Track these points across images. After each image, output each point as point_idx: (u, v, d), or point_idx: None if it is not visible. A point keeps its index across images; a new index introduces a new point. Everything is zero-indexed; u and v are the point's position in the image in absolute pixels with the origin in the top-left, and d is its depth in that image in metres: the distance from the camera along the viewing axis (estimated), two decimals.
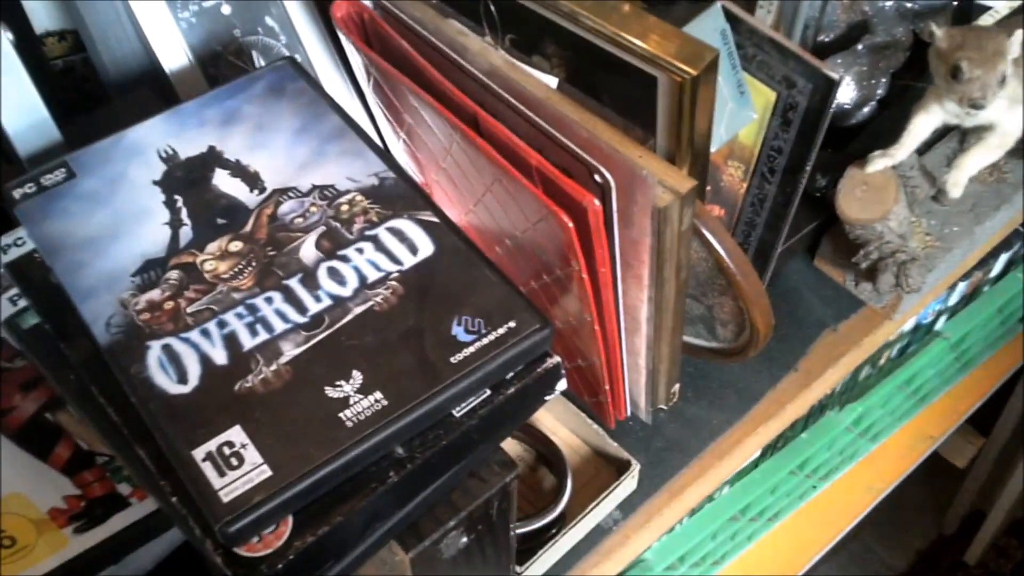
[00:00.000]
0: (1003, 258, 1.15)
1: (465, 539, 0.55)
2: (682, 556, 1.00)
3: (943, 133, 0.94)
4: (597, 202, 0.59)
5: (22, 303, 0.57)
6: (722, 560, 1.11)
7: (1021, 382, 1.59)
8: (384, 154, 0.60)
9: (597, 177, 0.59)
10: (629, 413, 0.82)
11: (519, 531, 0.76)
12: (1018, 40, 0.74)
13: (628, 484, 0.80)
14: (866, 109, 0.93)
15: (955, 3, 0.99)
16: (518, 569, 0.73)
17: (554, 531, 0.77)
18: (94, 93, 0.87)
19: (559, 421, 0.86)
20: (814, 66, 0.70)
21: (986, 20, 1.01)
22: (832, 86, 0.70)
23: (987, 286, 1.18)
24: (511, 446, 0.83)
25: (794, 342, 0.90)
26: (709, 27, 0.69)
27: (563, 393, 0.81)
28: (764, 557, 1.18)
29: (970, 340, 1.19)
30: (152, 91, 0.74)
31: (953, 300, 1.14)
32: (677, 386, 0.81)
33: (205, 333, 0.51)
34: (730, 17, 0.71)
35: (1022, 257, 1.19)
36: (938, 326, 1.16)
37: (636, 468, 0.79)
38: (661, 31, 0.63)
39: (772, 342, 0.87)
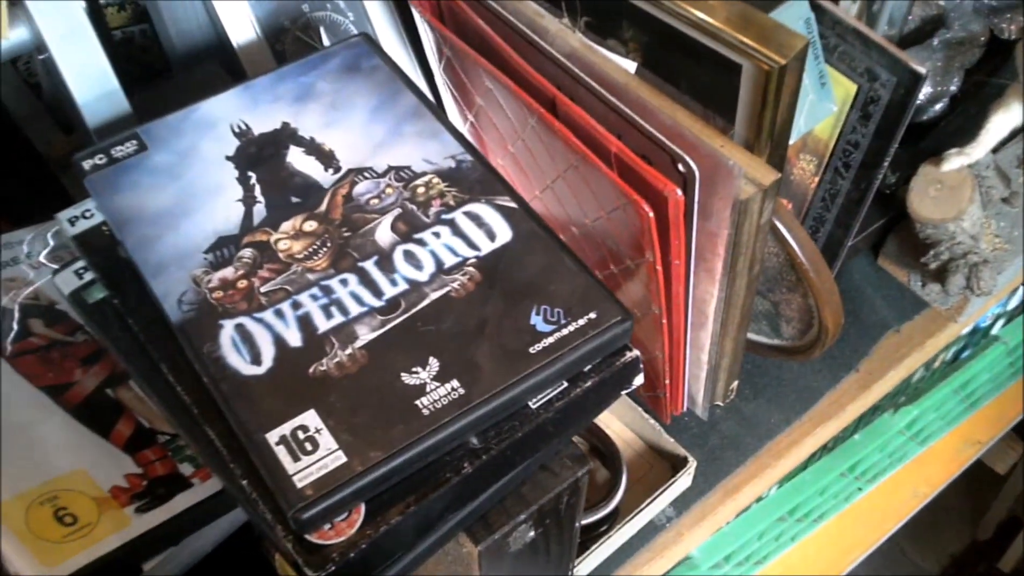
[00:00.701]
0: None
1: (532, 533, 0.54)
2: (728, 555, 0.98)
3: (1016, 132, 0.92)
4: (679, 192, 0.58)
5: (88, 276, 0.55)
6: (764, 560, 1.09)
7: None
8: (461, 136, 0.58)
9: (680, 166, 0.58)
10: (686, 408, 0.81)
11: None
12: None
13: (683, 481, 0.78)
14: (938, 105, 0.90)
15: None
16: (573, 562, 0.72)
17: (606, 526, 0.76)
18: (153, 65, 0.86)
19: (614, 414, 0.84)
20: (899, 59, 0.68)
21: None
22: (918, 81, 0.68)
23: None
24: None
25: (856, 342, 0.88)
26: (794, 15, 0.67)
27: None
28: (805, 558, 1.16)
29: None
30: (219, 65, 0.72)
31: (1013, 304, 1.12)
32: (736, 383, 0.79)
33: (279, 314, 0.50)
34: (815, 6, 0.69)
35: None
36: (995, 330, 1.14)
37: (692, 465, 0.78)
38: (747, 17, 0.61)
39: (835, 342, 0.85)
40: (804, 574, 1.19)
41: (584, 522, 0.75)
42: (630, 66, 0.66)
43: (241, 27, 0.72)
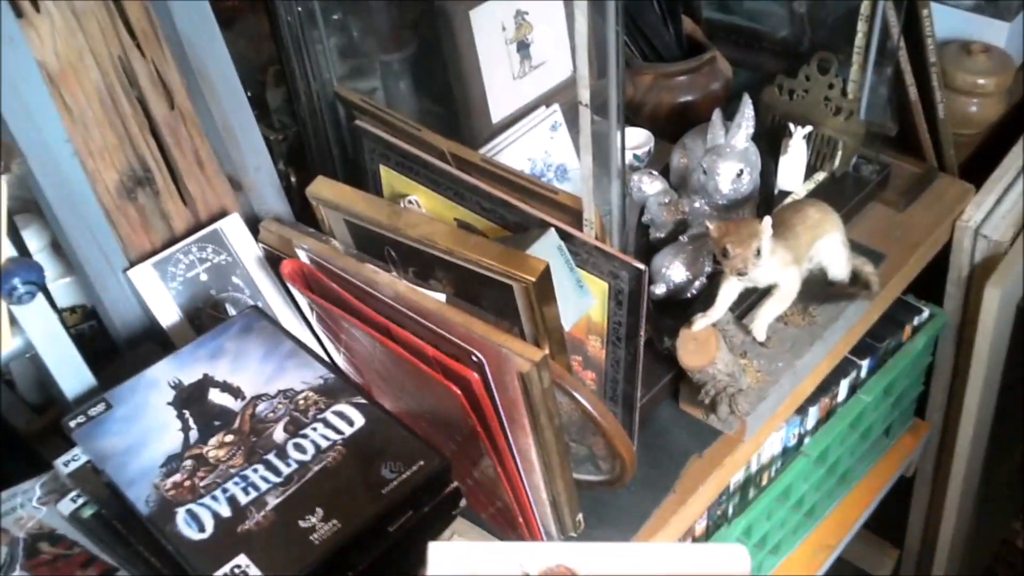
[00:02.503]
0: (844, 383, 1.41)
1: None
2: None
3: (763, 293, 1.22)
4: (476, 375, 0.86)
5: (81, 500, 0.80)
6: None
7: (913, 491, 1.83)
8: (325, 362, 0.86)
9: (473, 358, 0.86)
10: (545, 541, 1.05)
11: None
12: (768, 225, 1.04)
13: None
14: (697, 284, 1.21)
15: (757, 194, 1.29)
16: None
17: None
18: (101, 351, 1.12)
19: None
20: (626, 261, 0.98)
21: (788, 201, 1.32)
22: (641, 274, 0.97)
23: (839, 408, 1.44)
24: None
25: (668, 469, 1.14)
26: (549, 244, 0.97)
27: (492, 531, 1.05)
28: None
29: (834, 455, 1.44)
30: (154, 342, 1.00)
31: (810, 423, 1.40)
32: (580, 515, 1.04)
33: (214, 498, 0.75)
34: (564, 235, 0.99)
35: (861, 381, 1.46)
36: (804, 446, 1.41)
37: None
38: (508, 254, 0.91)
39: (653, 471, 1.12)
40: None
41: None
42: (440, 297, 0.96)
43: (167, 313, 1.00)
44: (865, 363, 1.43)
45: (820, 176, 1.39)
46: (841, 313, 1.24)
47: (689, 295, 1.21)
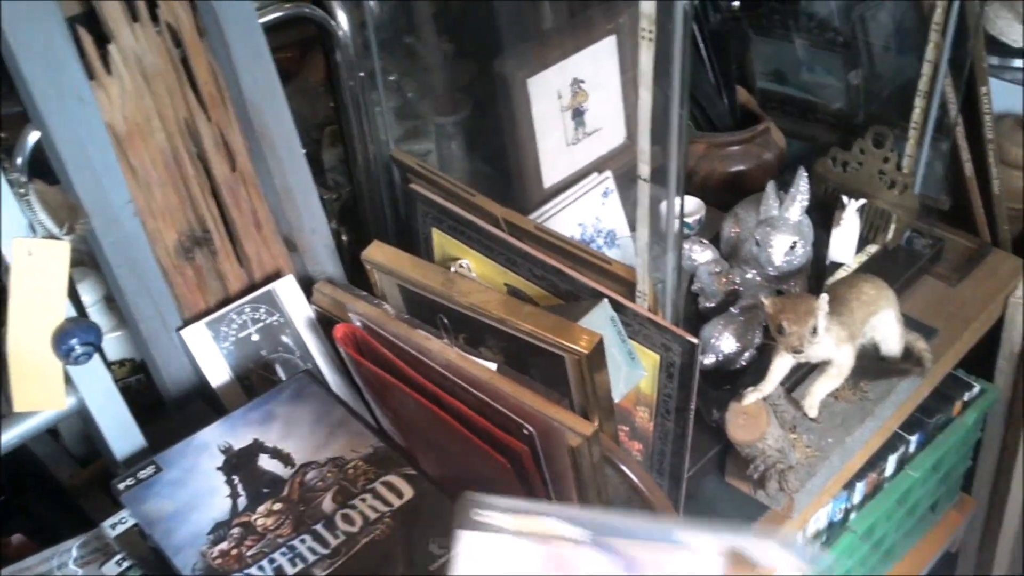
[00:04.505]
0: (892, 459, 1.39)
1: None
2: None
3: (813, 367, 1.21)
4: (526, 447, 0.85)
5: (126, 564, 0.80)
6: None
7: (959, 564, 1.79)
8: (377, 431, 0.86)
9: (524, 430, 0.85)
10: None
11: None
12: (824, 303, 1.03)
13: None
14: (746, 355, 1.20)
15: (809, 265, 1.28)
16: None
17: None
18: (146, 405, 1.13)
19: None
20: (679, 335, 0.97)
21: (840, 274, 1.31)
22: (694, 348, 0.97)
23: (886, 484, 1.42)
24: None
25: None
26: (602, 315, 0.97)
27: None
28: None
29: (880, 531, 1.41)
30: (202, 401, 1.00)
31: (857, 499, 1.37)
32: None
33: (261, 568, 0.75)
34: (617, 306, 0.99)
35: (910, 457, 1.43)
36: (850, 521, 1.39)
37: None
38: (560, 324, 0.91)
39: None
40: None
41: None
42: (491, 366, 0.95)
43: (218, 372, 1.01)
44: (914, 438, 1.41)
45: (872, 249, 1.38)
46: (892, 389, 1.23)
47: (738, 366, 1.20)
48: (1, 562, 0.86)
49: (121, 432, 0.89)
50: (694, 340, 0.97)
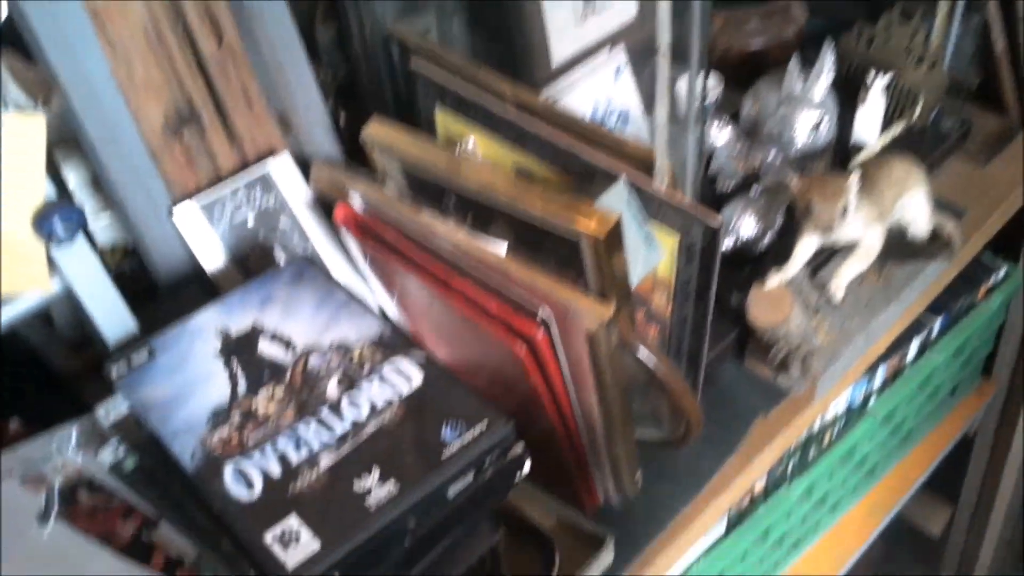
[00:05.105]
0: (916, 342, 1.35)
1: None
2: None
3: (835, 250, 1.16)
4: (542, 332, 0.80)
5: (122, 451, 0.77)
6: None
7: (973, 450, 1.77)
8: (381, 314, 0.81)
9: (539, 315, 0.80)
10: (602, 500, 1.01)
11: None
12: (855, 182, 0.97)
13: (605, 557, 0.97)
14: (767, 239, 1.15)
15: (832, 146, 1.22)
16: None
17: None
18: (141, 291, 1.08)
19: (546, 511, 1.03)
20: (700, 217, 0.91)
21: (862, 157, 1.25)
22: (716, 231, 0.91)
23: (908, 368, 1.38)
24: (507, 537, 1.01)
25: (733, 429, 1.09)
26: (618, 196, 0.91)
27: (547, 487, 1.01)
28: None
29: (900, 415, 1.38)
30: (198, 287, 0.96)
31: (878, 383, 1.34)
32: (639, 473, 0.99)
33: (263, 455, 0.71)
34: (634, 186, 0.93)
35: (933, 340, 1.39)
36: (869, 405, 1.35)
37: (611, 542, 0.97)
38: (574, 205, 0.85)
39: (715, 430, 1.07)
40: None
41: None
42: (502, 248, 0.90)
43: (213, 256, 0.95)
44: (937, 322, 1.37)
45: (898, 128, 1.31)
46: (919, 272, 1.18)
47: (758, 251, 1.15)
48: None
49: (111, 316, 0.84)
50: (717, 221, 0.91)
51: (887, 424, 1.36)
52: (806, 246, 1.04)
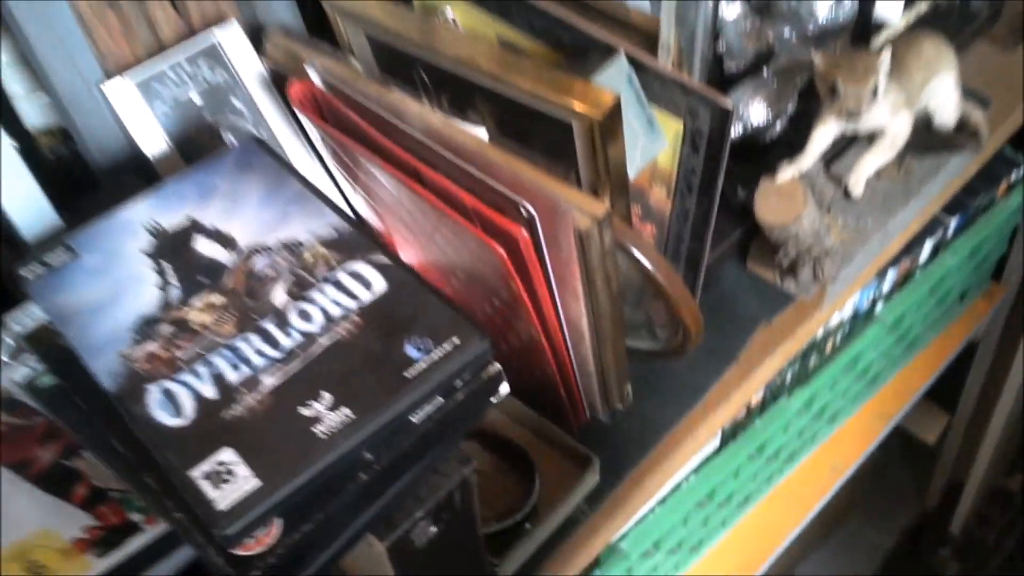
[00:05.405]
0: (929, 243, 1.25)
1: (434, 528, 0.64)
2: (656, 542, 1.08)
3: (852, 141, 1.05)
4: (525, 231, 0.70)
5: (38, 368, 0.66)
6: (699, 546, 1.20)
7: (976, 357, 1.69)
8: (339, 209, 0.70)
9: (522, 210, 0.70)
10: (588, 416, 0.92)
11: (495, 529, 0.86)
12: (887, 59, 0.85)
13: (590, 478, 0.89)
14: (779, 126, 1.03)
15: (852, 24, 1.09)
16: (496, 561, 0.83)
17: (528, 526, 0.87)
18: (83, 180, 0.97)
19: (527, 428, 0.95)
20: (710, 98, 0.80)
21: (886, 36, 1.12)
22: (727, 114, 0.80)
23: (919, 271, 1.28)
24: (484, 454, 0.93)
25: (733, 337, 0.99)
26: (617, 73, 0.80)
27: (528, 402, 0.92)
28: (740, 542, 1.27)
29: (908, 321, 1.29)
30: (138, 175, 0.84)
31: (887, 287, 1.24)
32: (629, 386, 0.90)
33: (196, 374, 0.61)
34: (634, 62, 0.81)
35: (947, 241, 1.29)
36: (876, 311, 1.26)
37: (596, 463, 0.88)
38: (567, 83, 0.74)
39: (714, 338, 0.97)
40: (740, 558, 1.30)
41: (505, 525, 0.86)
42: (482, 133, 0.79)
43: (153, 140, 0.84)
44: (953, 221, 1.26)
45: (923, 6, 1.18)
46: (941, 165, 1.07)
47: (768, 139, 1.04)
48: None
49: (28, 207, 0.73)
50: (727, 103, 0.80)
51: (894, 331, 1.27)
52: (825, 133, 0.93)
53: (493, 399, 0.65)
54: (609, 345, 0.83)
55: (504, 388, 0.65)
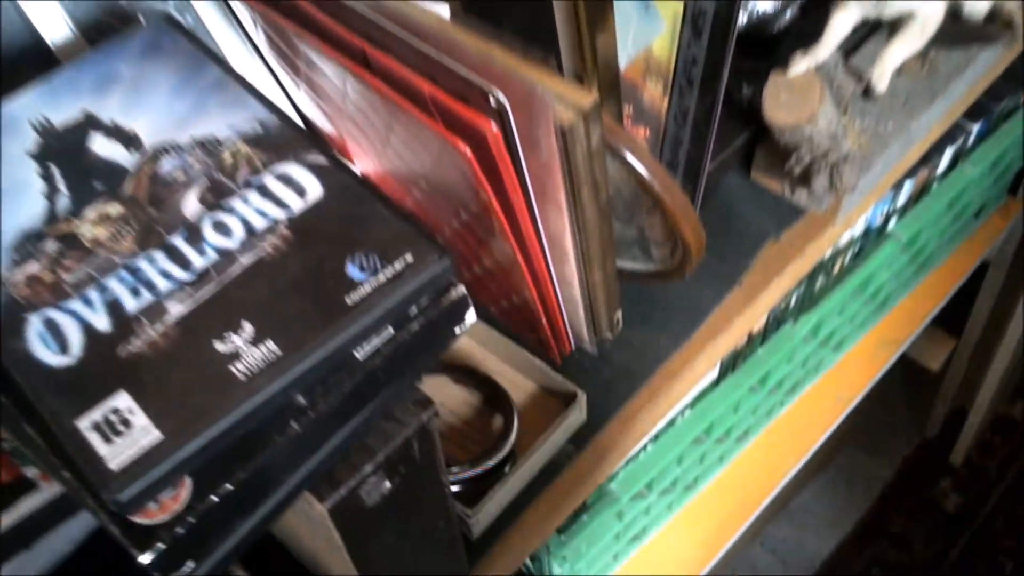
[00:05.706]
0: (948, 152, 1.13)
1: (388, 484, 0.53)
2: (649, 483, 0.98)
3: (872, 31, 0.93)
4: (495, 125, 0.57)
5: None
6: (695, 484, 1.10)
7: (986, 278, 1.58)
8: (267, 100, 0.57)
9: (491, 99, 0.57)
10: (574, 347, 0.81)
11: (468, 475, 0.75)
12: None
13: (575, 416, 0.78)
14: (788, 14, 0.91)
15: None
16: (469, 512, 0.72)
17: (506, 471, 0.76)
18: None
19: (505, 362, 0.84)
20: None
21: None
22: None
23: (936, 183, 1.17)
24: (455, 391, 0.82)
25: (736, 256, 0.88)
26: None
27: (507, 333, 0.81)
28: (739, 478, 1.17)
29: (923, 239, 1.17)
30: (37, 66, 0.71)
31: (902, 200, 1.12)
32: (619, 313, 0.79)
33: (86, 301, 0.49)
34: None
35: (968, 150, 1.17)
36: (890, 227, 1.14)
37: (582, 399, 0.78)
38: None
39: (714, 258, 0.86)
40: (740, 494, 1.20)
41: (479, 470, 0.75)
42: (443, 10, 0.66)
43: (54, 26, 0.70)
44: (975, 127, 1.14)
45: None
46: (970, 61, 0.95)
47: (776, 30, 0.91)
48: None
49: None
50: None
51: (909, 249, 1.15)
52: (844, 19, 0.80)
53: (458, 329, 0.53)
54: (597, 266, 0.71)
55: (471, 316, 0.54)
